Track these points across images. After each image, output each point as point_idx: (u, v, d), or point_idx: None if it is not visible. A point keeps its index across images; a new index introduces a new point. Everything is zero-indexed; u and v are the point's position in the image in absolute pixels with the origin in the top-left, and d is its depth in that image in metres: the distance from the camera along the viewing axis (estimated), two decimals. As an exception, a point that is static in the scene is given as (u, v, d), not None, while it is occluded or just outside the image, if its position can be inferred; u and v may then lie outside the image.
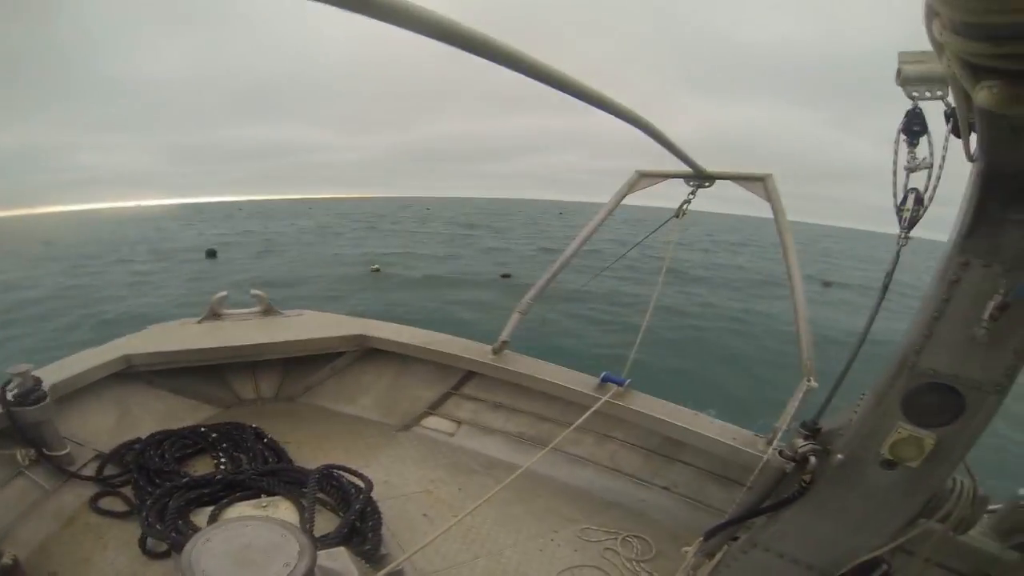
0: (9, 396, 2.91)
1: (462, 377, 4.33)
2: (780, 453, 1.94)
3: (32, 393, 2.98)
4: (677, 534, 2.96)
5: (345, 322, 4.89)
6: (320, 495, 3.05)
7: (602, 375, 3.72)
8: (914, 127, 1.58)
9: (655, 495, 3.48)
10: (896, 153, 1.63)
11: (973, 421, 1.62)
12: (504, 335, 4.05)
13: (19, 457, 2.95)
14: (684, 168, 3.19)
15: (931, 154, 1.57)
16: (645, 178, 3.52)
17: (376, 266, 26.30)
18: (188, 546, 1.62)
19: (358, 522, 2.83)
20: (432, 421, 4.27)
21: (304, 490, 2.97)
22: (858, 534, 1.86)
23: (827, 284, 26.23)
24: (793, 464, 1.87)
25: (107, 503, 3.05)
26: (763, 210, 3.36)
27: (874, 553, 1.84)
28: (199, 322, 4.61)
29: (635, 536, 3.11)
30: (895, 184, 1.67)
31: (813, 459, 1.83)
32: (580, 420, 3.12)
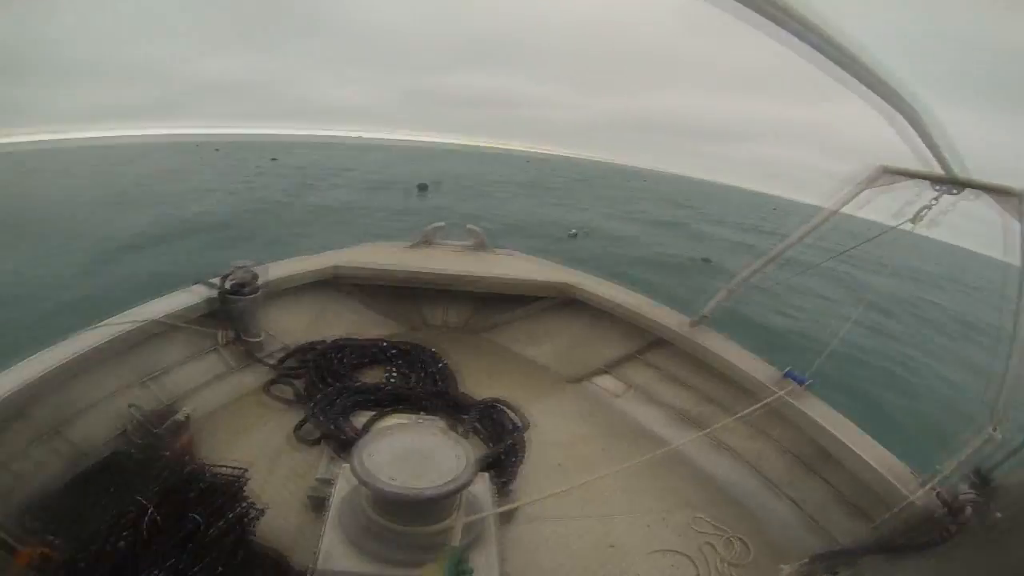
0: (227, 284, 3.31)
1: (651, 343, 4.20)
2: (937, 495, 1.93)
3: (247, 285, 3.36)
4: (783, 549, 2.87)
5: (553, 270, 4.85)
6: (477, 424, 3.08)
7: (786, 370, 3.48)
8: None
9: (782, 505, 3.29)
10: None
11: None
12: (706, 310, 3.86)
13: (219, 337, 3.40)
14: (929, 171, 2.77)
15: None
16: (887, 175, 3.08)
17: (574, 231, 25.97)
18: (357, 447, 1.71)
19: (503, 456, 2.91)
20: (604, 380, 4.18)
21: (463, 416, 3.06)
22: None
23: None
24: (945, 510, 1.82)
25: (278, 390, 3.39)
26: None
27: None
28: (411, 246, 4.84)
29: (740, 538, 2.98)
30: None
31: (970, 510, 1.75)
32: (747, 412, 3.11)
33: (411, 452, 1.70)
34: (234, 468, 2.14)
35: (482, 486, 2.05)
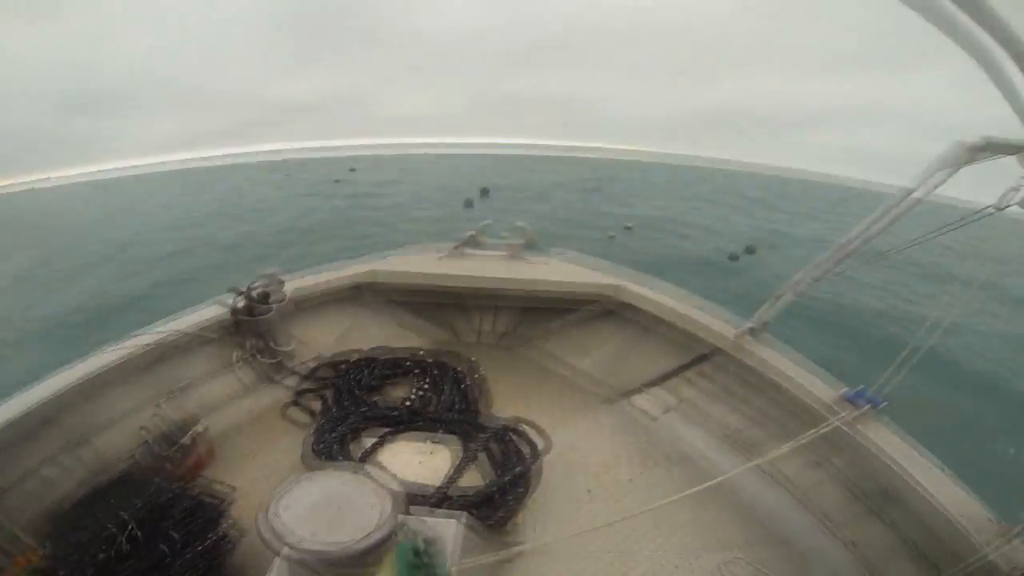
0: (252, 293, 3.33)
1: (702, 355, 3.84)
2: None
3: (273, 295, 3.38)
4: None
5: (604, 271, 4.53)
6: (492, 448, 2.96)
7: (849, 390, 2.99)
8: None
9: (834, 548, 2.89)
10: None
11: None
12: (765, 316, 3.41)
13: (248, 347, 3.39)
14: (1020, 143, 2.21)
15: None
16: (971, 151, 2.43)
17: (630, 224, 24.86)
18: (272, 499, 1.63)
19: (499, 493, 2.69)
20: (642, 400, 3.87)
21: (471, 443, 2.94)
22: None
23: None
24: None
25: (295, 412, 3.36)
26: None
27: None
28: (450, 251, 4.64)
29: None
30: None
31: None
32: (803, 438, 2.67)
33: (327, 503, 1.60)
34: (222, 491, 2.16)
35: (447, 531, 1.85)
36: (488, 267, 4.36)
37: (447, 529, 1.85)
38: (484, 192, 33.58)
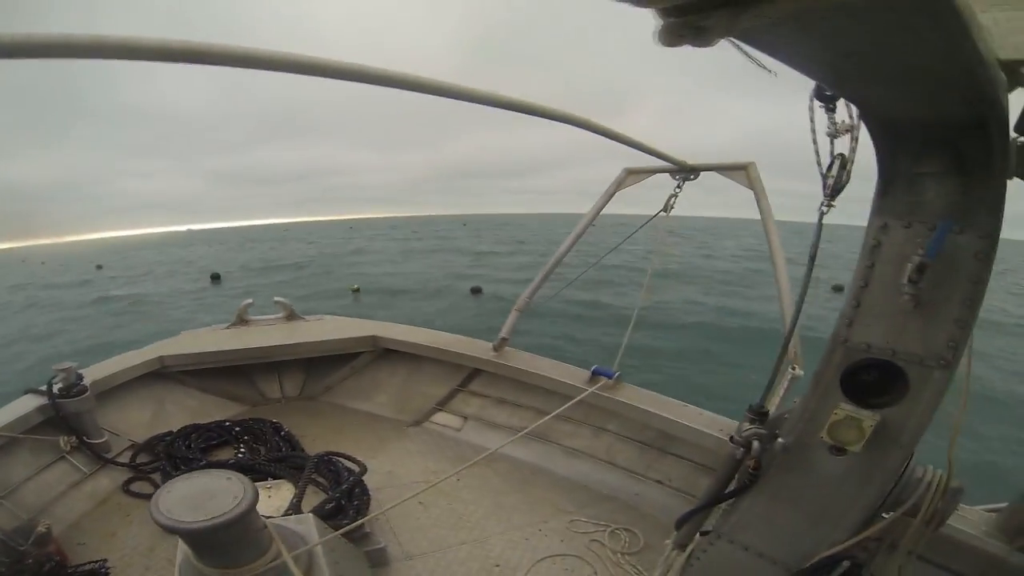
0: (54, 389, 3.36)
1: (468, 375, 4.55)
2: (731, 439, 1.85)
3: (74, 387, 3.42)
4: (669, 528, 2.93)
5: (361, 325, 5.22)
6: (317, 478, 3.33)
7: (592, 368, 3.83)
8: (824, 90, 1.46)
9: (649, 489, 3.49)
10: (812, 121, 1.55)
11: (920, 400, 1.50)
12: (503, 333, 4.26)
13: (62, 443, 3.35)
14: (668, 164, 3.29)
15: (851, 116, 1.47)
16: (632, 175, 3.62)
17: (356, 286, 27.41)
18: (156, 493, 1.79)
19: (343, 500, 3.03)
20: (441, 417, 4.48)
21: (300, 478, 3.20)
22: (817, 526, 1.75)
23: (837, 289, 23.80)
24: (742, 450, 1.79)
25: (137, 487, 3.44)
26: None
27: (837, 548, 1.71)
28: (227, 327, 5.06)
29: (625, 529, 3.12)
30: (817, 152, 1.60)
31: (756, 444, 1.75)
32: (562, 408, 3.19)
33: (198, 495, 1.74)
34: (96, 562, 2.36)
35: (307, 526, 2.16)
36: (269, 333, 4.89)
37: (306, 523, 2.17)
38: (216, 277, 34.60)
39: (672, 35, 0.65)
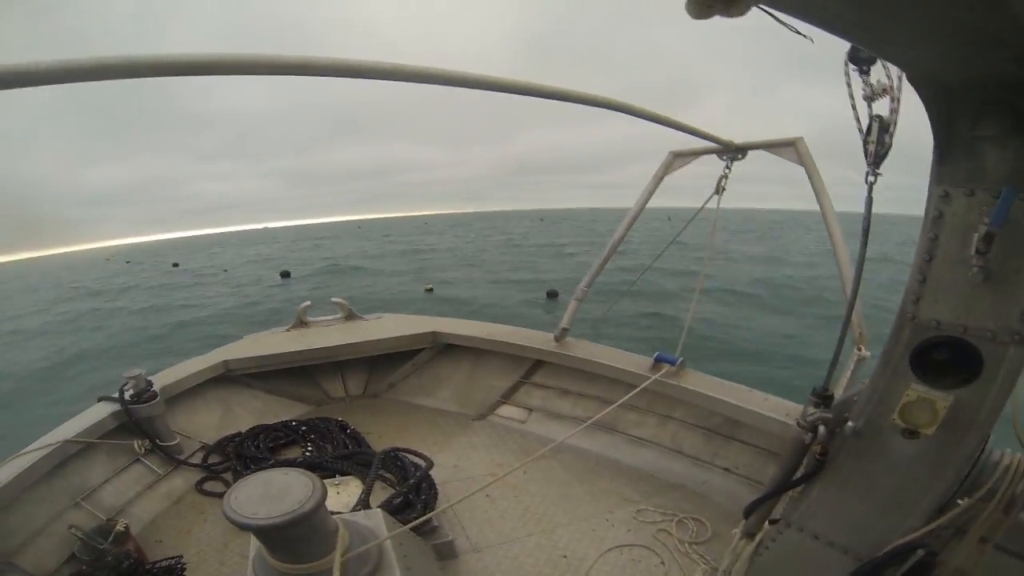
0: (126, 395, 3.47)
1: (531, 366, 4.52)
2: (797, 424, 1.79)
3: (145, 392, 3.54)
4: (737, 516, 2.86)
5: (421, 321, 5.27)
6: (384, 473, 3.35)
7: (655, 355, 3.76)
8: (859, 52, 1.44)
9: (716, 476, 3.44)
10: (849, 86, 1.52)
11: (995, 379, 1.42)
12: (564, 323, 4.22)
13: (136, 447, 3.48)
14: (715, 145, 3.23)
15: (888, 76, 1.43)
16: (679, 158, 3.54)
17: (430, 286, 26.95)
18: (228, 491, 1.82)
19: (411, 495, 3.04)
20: (505, 410, 4.47)
21: (367, 474, 3.24)
22: (889, 514, 1.68)
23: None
24: (809, 435, 1.74)
25: (210, 486, 3.53)
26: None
27: (910, 536, 1.63)
28: (287, 330, 5.16)
29: (692, 518, 3.08)
30: (857, 119, 1.55)
31: (822, 429, 1.70)
32: (627, 397, 3.16)
33: (268, 492, 1.76)
34: (172, 559, 2.39)
35: (375, 521, 2.16)
36: (330, 333, 4.98)
37: (375, 518, 2.16)
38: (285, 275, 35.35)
39: (702, 5, 0.67)
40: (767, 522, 2.07)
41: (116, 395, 3.48)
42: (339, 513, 2.14)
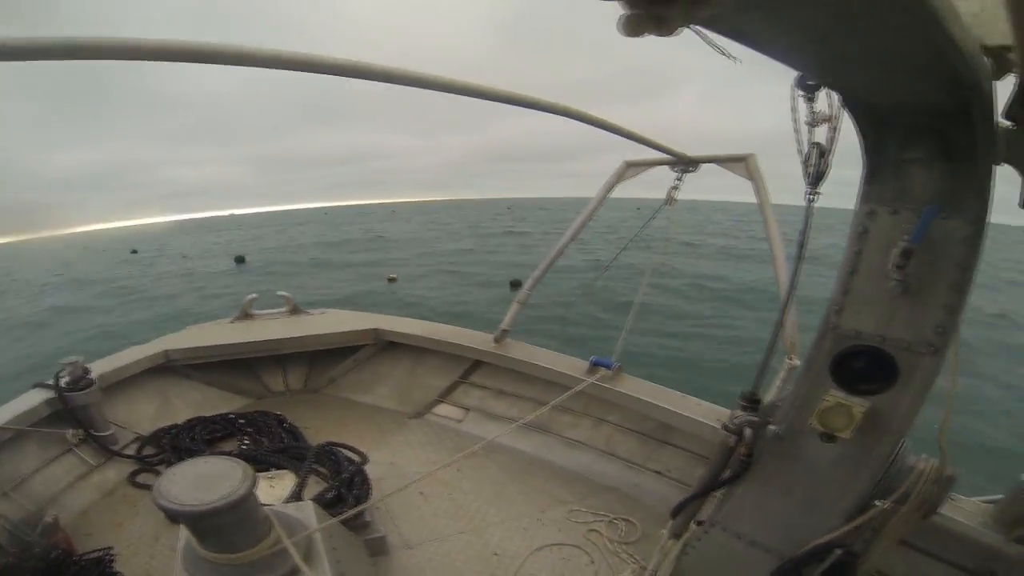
0: (61, 382, 3.40)
1: (470, 366, 4.59)
2: (724, 427, 1.85)
3: (81, 380, 3.47)
4: (667, 518, 2.79)
5: (364, 318, 5.28)
6: (319, 468, 3.39)
7: (591, 359, 3.84)
8: (807, 80, 1.45)
9: (649, 479, 3.50)
10: (794, 111, 1.54)
11: (910, 387, 1.51)
12: (504, 324, 4.30)
13: (69, 436, 3.40)
14: (668, 156, 3.29)
15: (830, 106, 1.47)
16: (632, 167, 3.63)
17: (393, 275, 26.36)
18: (158, 479, 1.79)
19: (343, 489, 3.07)
20: (443, 409, 4.53)
21: (301, 468, 3.28)
22: (809, 514, 1.76)
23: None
24: (736, 438, 1.81)
25: (143, 478, 3.49)
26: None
27: (829, 536, 1.70)
28: (232, 321, 5.14)
29: (623, 519, 3.14)
30: (798, 141, 1.59)
31: (748, 431, 1.77)
32: (560, 399, 3.17)
33: (199, 480, 1.75)
34: (101, 551, 2.40)
35: (306, 513, 2.17)
36: (274, 326, 4.97)
37: (305, 511, 2.17)
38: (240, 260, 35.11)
39: (633, 26, 0.64)
40: (694, 522, 2.14)
41: (51, 381, 3.41)
42: (270, 505, 2.15)
